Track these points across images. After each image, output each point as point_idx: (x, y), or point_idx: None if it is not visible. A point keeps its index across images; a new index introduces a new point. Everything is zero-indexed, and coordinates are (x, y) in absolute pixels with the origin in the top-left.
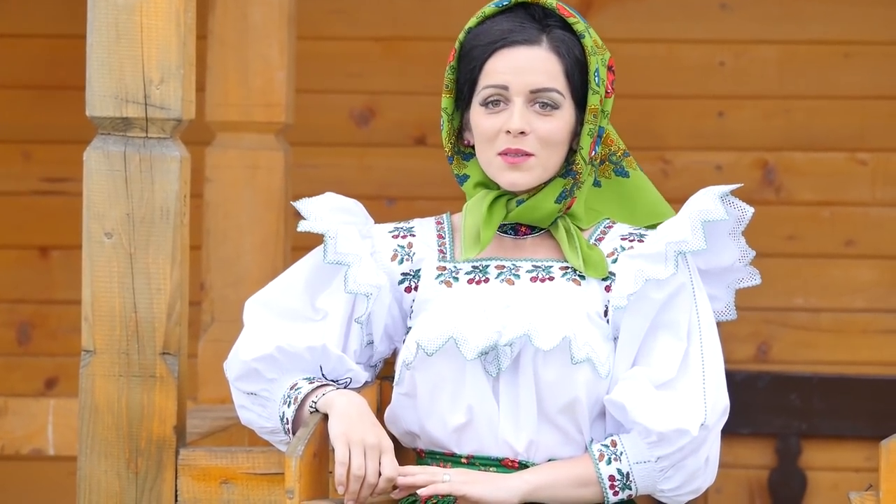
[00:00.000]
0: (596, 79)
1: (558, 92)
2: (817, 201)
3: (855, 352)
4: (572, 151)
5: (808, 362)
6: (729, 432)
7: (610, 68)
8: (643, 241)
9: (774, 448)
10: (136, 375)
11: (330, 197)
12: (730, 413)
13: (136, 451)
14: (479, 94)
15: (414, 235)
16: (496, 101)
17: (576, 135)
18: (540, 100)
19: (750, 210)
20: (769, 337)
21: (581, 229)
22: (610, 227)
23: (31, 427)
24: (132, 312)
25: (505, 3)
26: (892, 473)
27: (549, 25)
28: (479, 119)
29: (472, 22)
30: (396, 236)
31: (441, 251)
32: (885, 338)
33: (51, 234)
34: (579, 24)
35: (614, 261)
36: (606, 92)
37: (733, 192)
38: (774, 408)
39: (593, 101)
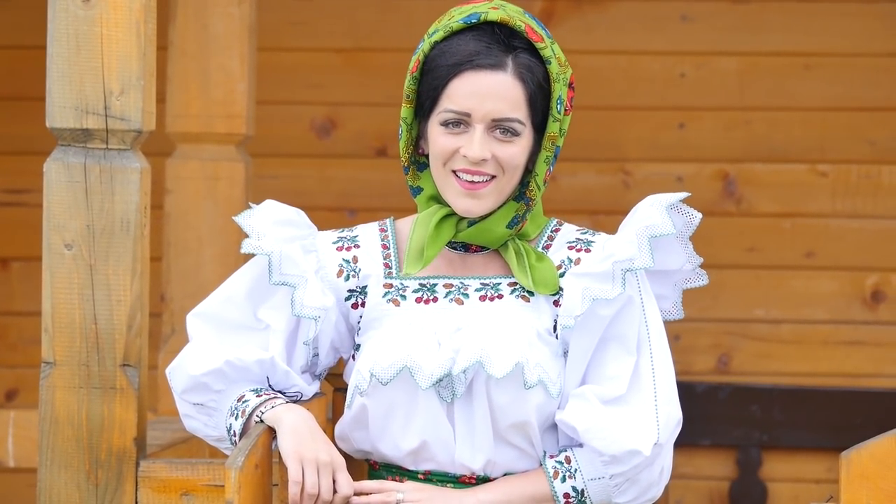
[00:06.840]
0: (558, 106)
1: (520, 122)
2: (778, 213)
3: (815, 363)
4: (527, 172)
5: (769, 374)
6: (689, 443)
7: (570, 85)
8: (590, 251)
9: (735, 459)
10: (97, 387)
11: (271, 208)
12: (691, 424)
13: (97, 462)
14: (440, 114)
15: (358, 247)
16: (456, 123)
17: (533, 156)
18: (501, 127)
19: (698, 216)
20: (730, 348)
21: (530, 239)
22: (557, 230)
23: None
24: (92, 324)
25: (473, 21)
26: (853, 485)
27: (515, 48)
28: (437, 136)
29: (438, 35)
30: (341, 248)
31: (386, 265)
32: (845, 349)
33: (11, 245)
34: (546, 49)
35: (562, 274)
36: (565, 110)
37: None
38: (735, 419)
39: (553, 128)
